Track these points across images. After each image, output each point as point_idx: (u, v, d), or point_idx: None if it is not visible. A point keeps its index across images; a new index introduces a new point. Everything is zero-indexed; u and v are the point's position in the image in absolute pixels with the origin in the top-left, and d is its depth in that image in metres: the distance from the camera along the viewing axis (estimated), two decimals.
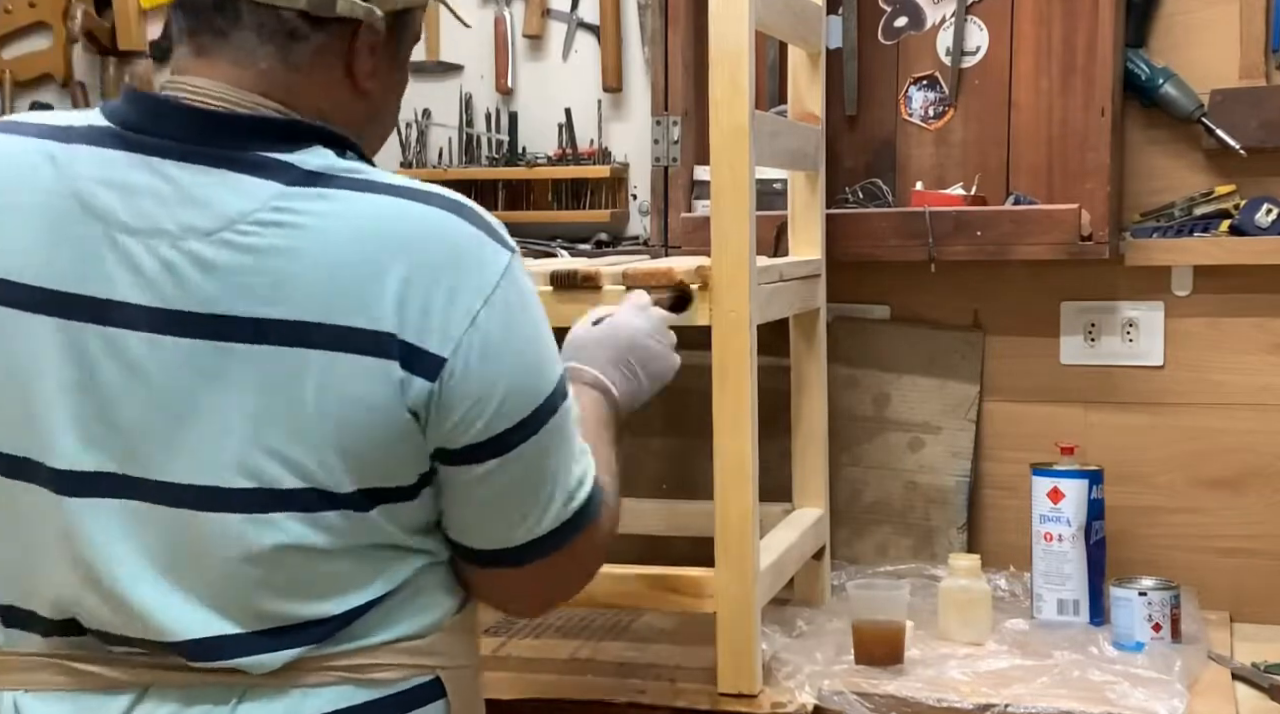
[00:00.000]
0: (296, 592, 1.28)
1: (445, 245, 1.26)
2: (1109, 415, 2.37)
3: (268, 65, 1.30)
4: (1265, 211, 2.25)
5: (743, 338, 1.81)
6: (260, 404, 1.23)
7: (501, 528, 1.34)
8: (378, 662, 1.31)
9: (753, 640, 1.83)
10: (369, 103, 1.38)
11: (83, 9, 2.76)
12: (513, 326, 1.27)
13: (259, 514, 1.24)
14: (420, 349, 1.23)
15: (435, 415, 1.25)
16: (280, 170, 1.25)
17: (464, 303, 1.24)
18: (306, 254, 1.22)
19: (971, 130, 2.40)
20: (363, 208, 1.25)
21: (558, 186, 2.60)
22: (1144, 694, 1.83)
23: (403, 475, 1.28)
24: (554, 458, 1.32)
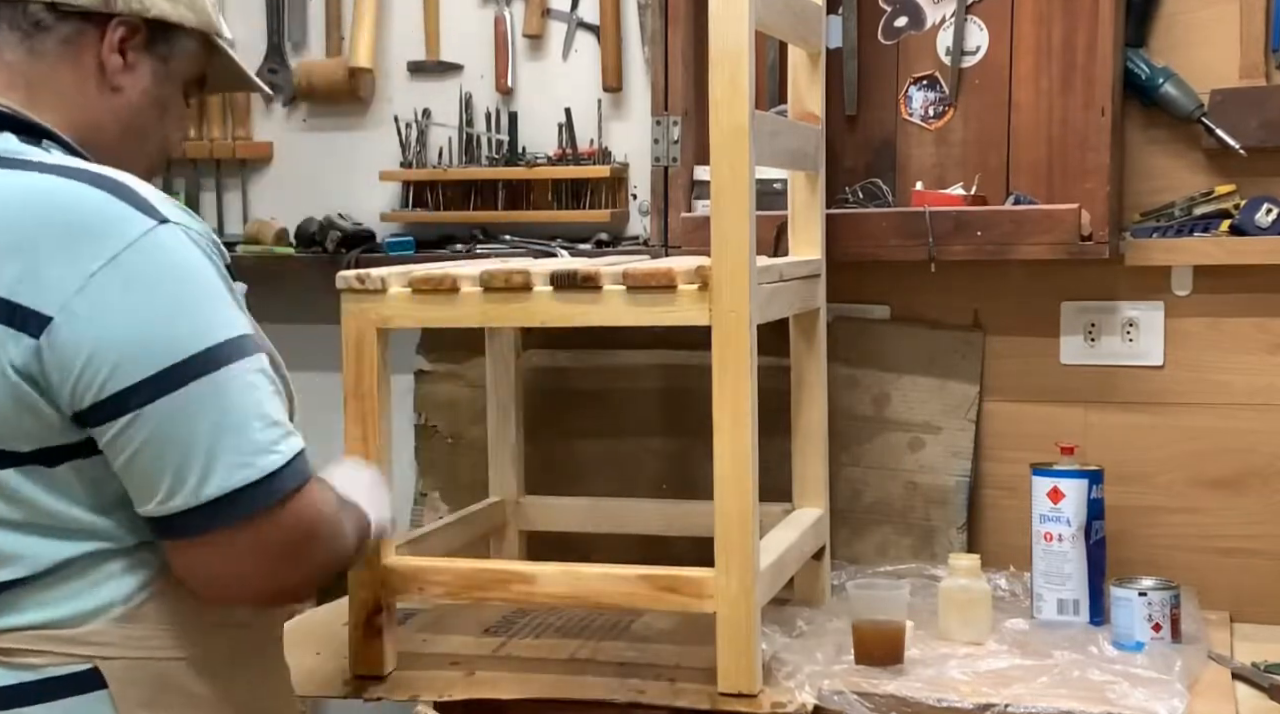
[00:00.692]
0: None
1: (73, 212, 1.32)
2: (1109, 415, 2.37)
3: (14, 57, 1.42)
4: (1265, 211, 2.25)
5: (743, 338, 1.81)
6: None
7: (155, 491, 1.33)
8: (24, 646, 1.34)
9: (753, 640, 1.83)
10: (121, 102, 1.47)
11: None
12: (140, 289, 1.30)
13: None
14: (26, 308, 1.28)
15: (52, 374, 1.29)
16: None
17: (81, 265, 1.29)
18: None
19: (971, 130, 2.40)
20: (4, 183, 1.33)
21: (558, 186, 2.60)
22: (1144, 694, 1.83)
23: (23, 439, 1.32)
24: (204, 421, 1.32)
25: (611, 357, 2.54)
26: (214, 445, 1.32)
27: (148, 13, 1.46)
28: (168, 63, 1.50)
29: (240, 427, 1.33)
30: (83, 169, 1.36)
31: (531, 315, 1.89)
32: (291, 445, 1.36)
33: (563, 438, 2.55)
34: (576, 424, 2.55)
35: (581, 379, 2.57)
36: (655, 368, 2.52)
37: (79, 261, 1.29)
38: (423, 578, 1.94)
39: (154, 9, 1.47)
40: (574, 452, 2.56)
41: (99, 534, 1.36)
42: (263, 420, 1.35)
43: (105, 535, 1.36)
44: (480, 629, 2.16)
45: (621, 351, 2.53)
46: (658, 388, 2.53)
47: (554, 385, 2.56)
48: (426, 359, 2.67)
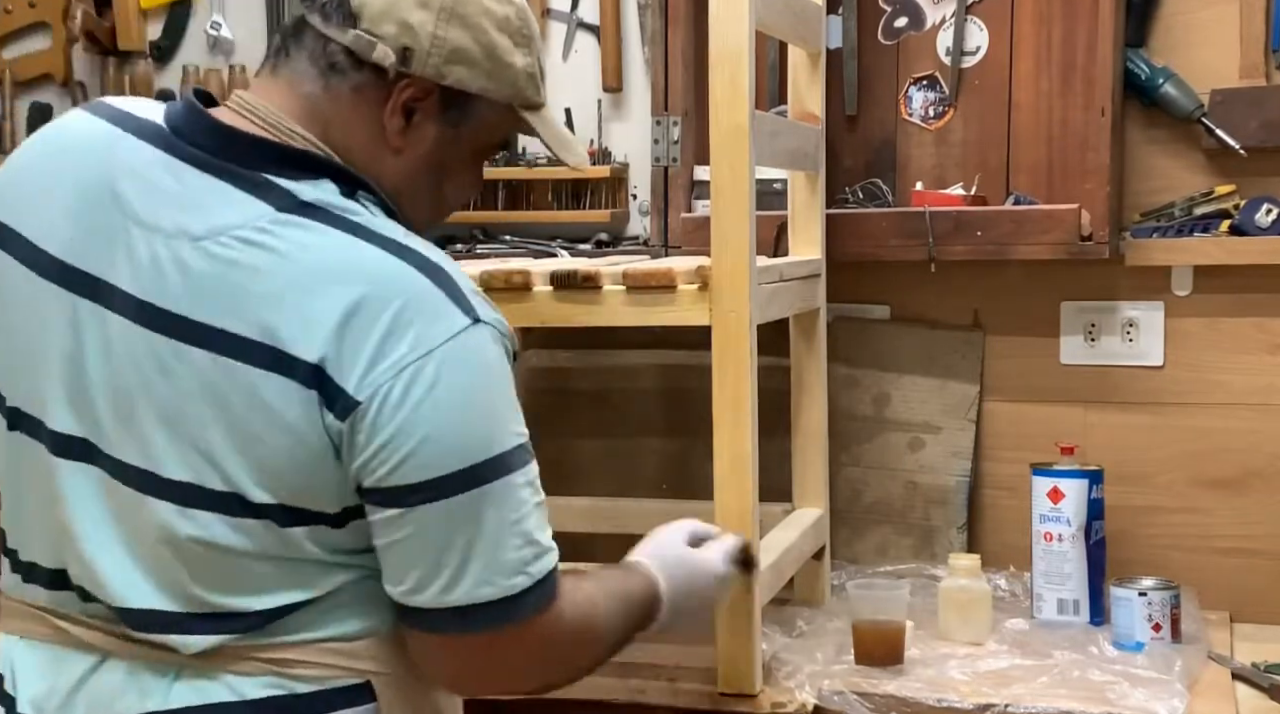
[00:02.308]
0: (218, 584, 1.33)
1: (401, 295, 1.29)
2: (1109, 415, 2.37)
3: (311, 90, 1.38)
4: (1265, 211, 2.25)
5: (743, 338, 1.81)
6: (200, 406, 1.29)
7: (404, 581, 1.34)
8: (303, 658, 1.35)
9: (753, 640, 1.83)
10: (399, 163, 1.41)
11: (83, 9, 2.76)
12: (447, 388, 1.29)
13: (186, 507, 1.31)
14: (341, 387, 1.27)
15: (349, 451, 1.29)
16: (277, 194, 1.32)
17: (397, 352, 1.27)
18: (269, 277, 1.28)
19: (971, 130, 2.40)
20: (335, 244, 1.30)
21: (558, 186, 2.60)
22: (1144, 694, 1.83)
23: (325, 502, 1.32)
24: (468, 530, 1.31)
25: (611, 357, 2.54)
26: (469, 556, 1.32)
27: (443, 80, 1.38)
28: (458, 128, 1.43)
29: (498, 542, 1.32)
30: (408, 247, 1.32)
31: (531, 315, 1.89)
32: (542, 567, 1.35)
33: (563, 438, 2.55)
34: (576, 424, 2.55)
35: (581, 379, 2.57)
36: (655, 368, 2.52)
37: (395, 349, 1.27)
38: None
39: (450, 77, 1.38)
40: (574, 452, 2.56)
41: (368, 566, 1.36)
42: (521, 538, 1.34)
43: (365, 566, 1.37)
44: None
45: (621, 352, 2.53)
46: (658, 388, 2.53)
47: (554, 385, 2.56)
48: None
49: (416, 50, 1.37)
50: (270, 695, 1.34)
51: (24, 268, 1.36)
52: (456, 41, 1.38)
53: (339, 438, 1.28)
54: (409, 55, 1.37)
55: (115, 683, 1.35)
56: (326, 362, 1.26)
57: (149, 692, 1.34)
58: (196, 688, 1.33)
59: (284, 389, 1.27)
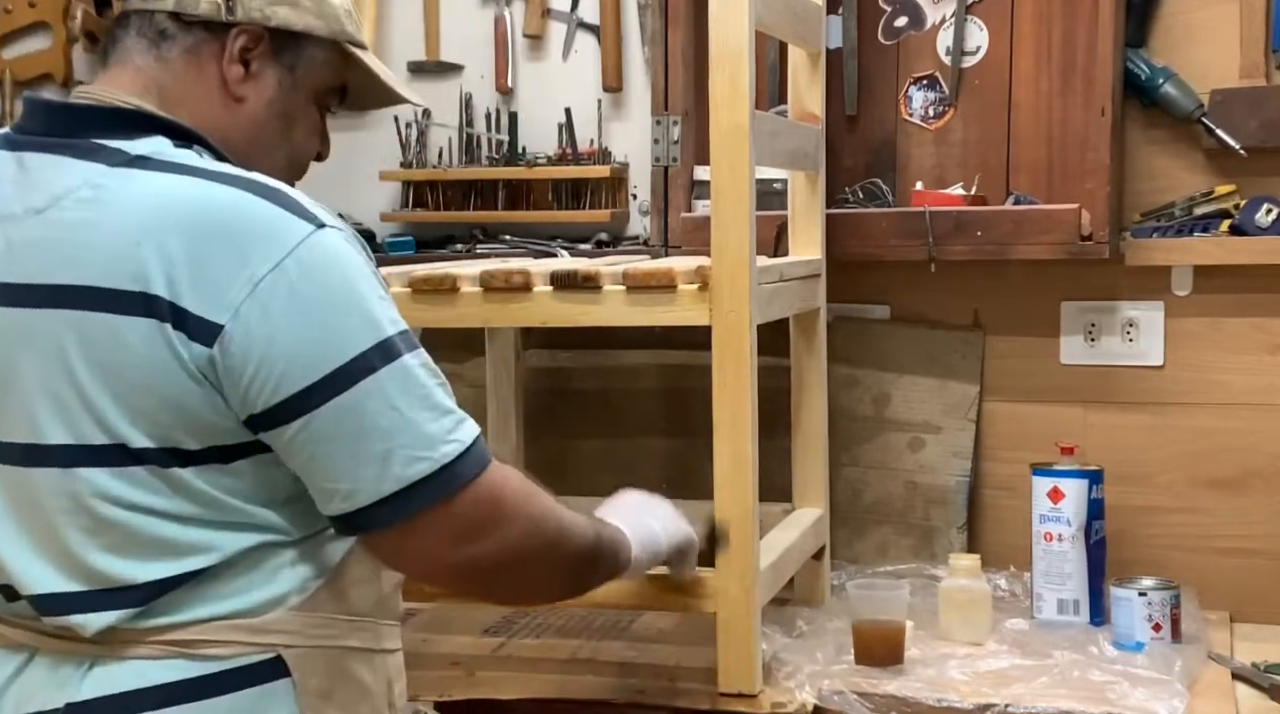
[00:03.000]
0: (120, 551, 1.34)
1: (232, 218, 1.32)
2: (1109, 415, 2.37)
3: (143, 62, 1.43)
4: (1265, 211, 2.25)
5: (743, 338, 1.81)
6: (64, 365, 1.32)
7: (336, 490, 1.34)
8: (207, 637, 1.36)
9: (753, 640, 1.83)
10: (245, 113, 1.46)
11: (83, 9, 2.76)
12: (304, 293, 1.31)
13: (75, 468, 1.33)
14: (196, 316, 1.29)
15: (225, 379, 1.31)
16: (109, 154, 1.36)
17: (246, 271, 1.30)
18: (99, 224, 1.32)
19: (971, 130, 2.40)
20: (162, 185, 1.34)
21: (558, 186, 2.60)
22: (1144, 694, 1.83)
23: (206, 436, 1.33)
24: (377, 418, 1.32)
25: (611, 357, 2.54)
26: (389, 441, 1.33)
27: (269, 22, 1.44)
28: (294, 72, 1.48)
29: (413, 420, 1.34)
30: (239, 175, 1.35)
31: (531, 315, 1.89)
32: (467, 432, 1.37)
33: (563, 438, 2.55)
34: (576, 424, 2.55)
35: (581, 379, 2.57)
36: (655, 368, 2.52)
37: (244, 268, 1.29)
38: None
39: (276, 18, 1.44)
40: (574, 452, 2.56)
41: (272, 527, 1.38)
42: (434, 411, 1.35)
43: (277, 529, 1.38)
44: (480, 629, 2.16)
45: (621, 352, 2.53)
46: (658, 388, 2.53)
47: (554, 385, 2.56)
48: None
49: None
50: (179, 679, 1.34)
51: None
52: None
53: (209, 367, 1.30)
54: (233, 4, 1.42)
55: (39, 678, 1.37)
56: (179, 293, 1.29)
57: (65, 683, 1.35)
58: (107, 677, 1.35)
59: (142, 328, 1.29)
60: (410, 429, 1.33)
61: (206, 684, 1.35)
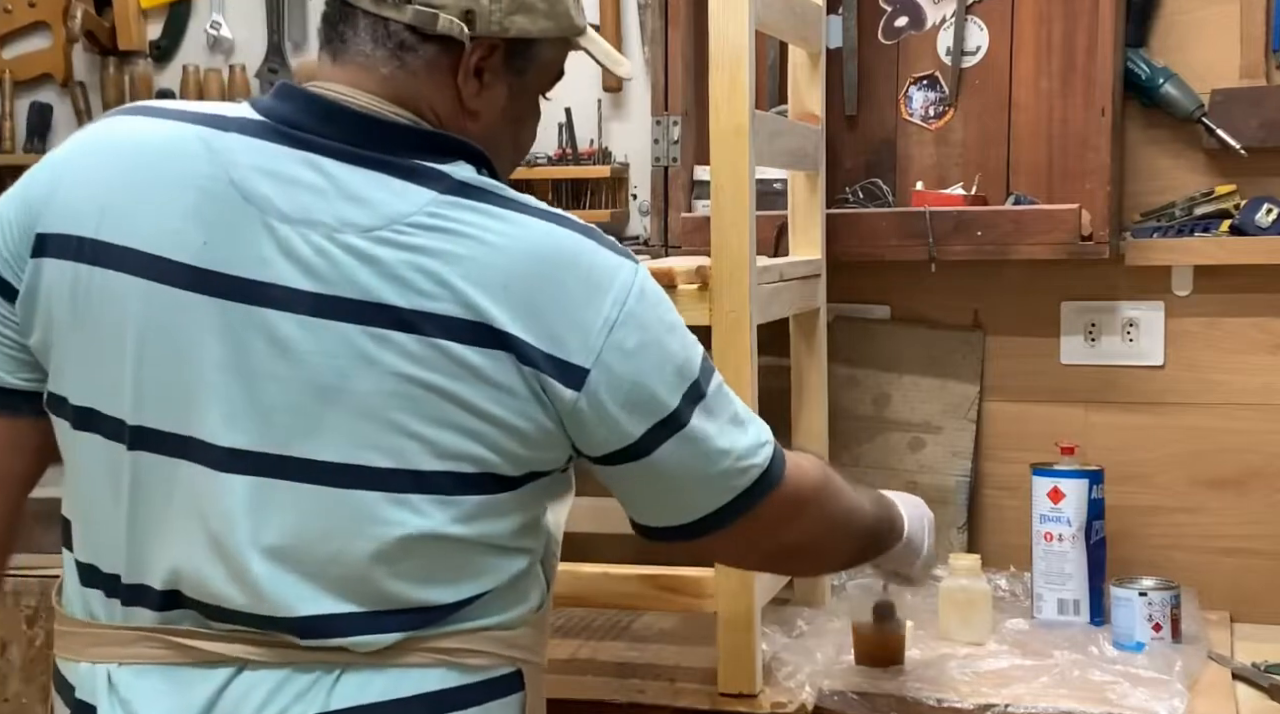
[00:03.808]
0: (418, 576, 1.32)
1: (578, 261, 1.32)
2: (1109, 415, 2.37)
3: (388, 71, 1.36)
4: (1265, 211, 2.25)
5: (743, 338, 1.81)
6: (407, 389, 1.28)
7: (667, 511, 1.41)
8: (471, 647, 1.35)
9: (753, 640, 1.83)
10: (478, 124, 1.41)
11: (83, 9, 2.76)
12: (648, 330, 1.33)
13: (397, 493, 1.29)
14: (561, 360, 1.29)
15: (583, 421, 1.31)
16: (434, 178, 1.32)
17: (601, 315, 1.30)
18: (458, 259, 1.28)
19: (971, 130, 2.40)
20: (510, 221, 1.32)
21: (558, 186, 2.60)
22: (1144, 694, 1.83)
23: (539, 463, 1.35)
24: (716, 439, 1.37)
25: None
26: (724, 460, 1.38)
27: (507, 34, 1.38)
28: (524, 76, 1.43)
29: (734, 434, 1.39)
30: (567, 216, 1.36)
31: None
32: (765, 432, 1.42)
33: None
34: None
35: None
36: None
37: (599, 312, 1.30)
38: None
39: (514, 28, 1.38)
40: None
41: (530, 549, 1.40)
42: (745, 421, 1.41)
43: (533, 549, 1.40)
44: None
45: None
46: None
47: None
48: None
49: (479, 11, 1.36)
50: (437, 690, 1.33)
51: (143, 281, 1.30)
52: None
53: (571, 410, 1.30)
54: (472, 18, 1.36)
55: (262, 689, 1.31)
56: (542, 337, 1.28)
57: (304, 694, 1.30)
58: (362, 684, 1.31)
59: (501, 364, 1.28)
60: (736, 444, 1.38)
61: (461, 694, 1.34)
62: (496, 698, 1.37)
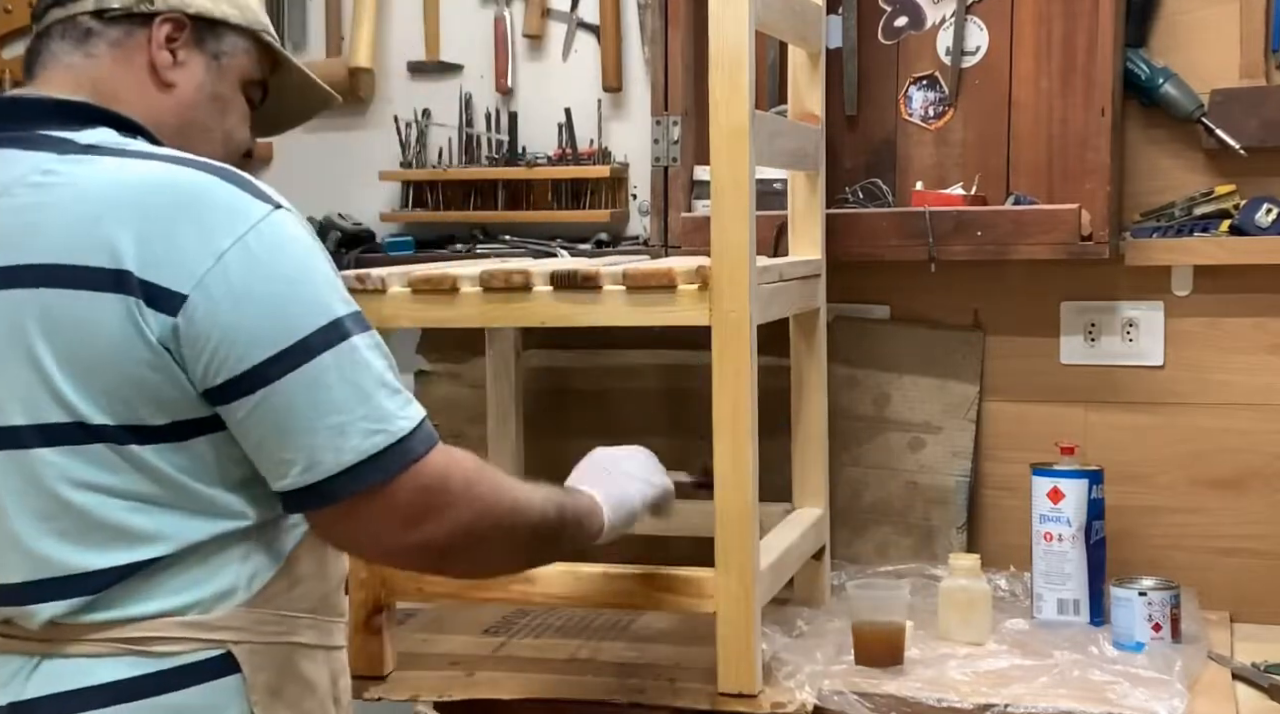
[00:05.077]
0: (69, 536, 1.33)
1: (193, 194, 1.35)
2: (1109, 415, 2.37)
3: (71, 61, 1.47)
4: (1265, 211, 2.25)
5: (743, 338, 1.81)
6: (22, 344, 1.33)
7: (292, 464, 1.35)
8: (156, 634, 1.35)
9: (753, 640, 1.83)
10: (177, 98, 1.49)
11: None
12: (265, 267, 1.33)
13: (34, 449, 1.33)
14: (160, 286, 1.31)
15: (187, 350, 1.32)
16: (58, 144, 1.39)
17: (210, 244, 1.32)
18: (56, 205, 1.34)
19: (971, 130, 2.40)
20: (118, 167, 1.37)
21: (558, 186, 2.60)
22: (1144, 694, 1.83)
23: (158, 411, 1.34)
24: (334, 392, 1.34)
25: (611, 356, 2.54)
26: (346, 414, 1.35)
27: (188, 9, 1.49)
28: (219, 59, 1.53)
29: (368, 395, 1.36)
30: (196, 159, 1.39)
31: (531, 315, 1.89)
32: (417, 411, 1.40)
33: (563, 438, 2.54)
34: (576, 424, 2.55)
35: (581, 379, 2.57)
36: (655, 368, 2.52)
37: (209, 241, 1.32)
38: (423, 578, 1.94)
39: (194, 5, 1.50)
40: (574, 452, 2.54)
41: (227, 512, 1.38)
42: (388, 388, 1.38)
43: (232, 514, 1.39)
44: (480, 629, 2.16)
45: (621, 351, 2.53)
46: (658, 388, 2.52)
47: (554, 385, 2.56)
48: (426, 359, 2.67)
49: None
50: (128, 677, 1.34)
51: None
52: None
53: (171, 337, 1.31)
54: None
55: None
56: (142, 266, 1.30)
57: (8, 682, 1.34)
58: (54, 674, 1.34)
59: (105, 301, 1.30)
60: (366, 403, 1.35)
61: (156, 681, 1.35)
62: (196, 683, 1.36)
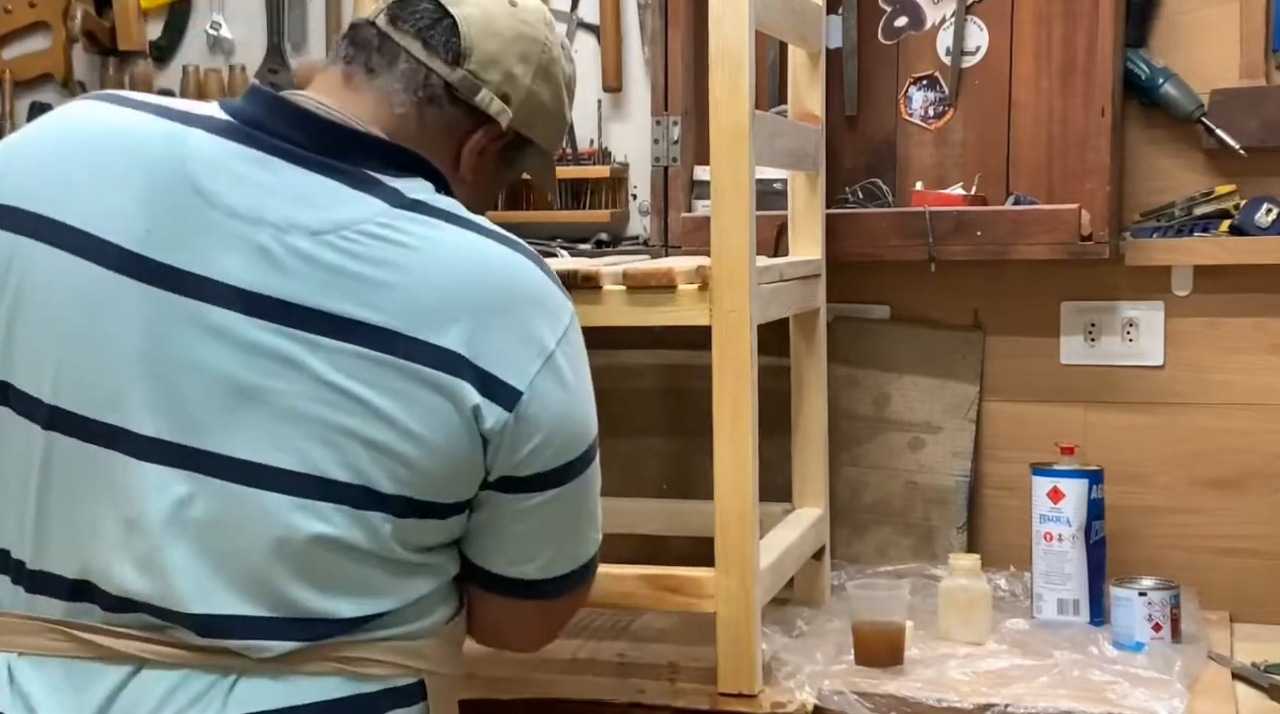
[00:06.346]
0: (322, 586, 1.31)
1: (528, 288, 1.35)
2: (1109, 415, 2.37)
3: (404, 114, 1.42)
4: (1265, 211, 2.25)
5: (743, 338, 1.81)
6: (331, 397, 1.28)
7: (525, 558, 1.41)
8: (370, 657, 1.34)
9: (753, 640, 1.83)
10: (462, 190, 1.46)
11: (83, 9, 2.76)
12: (576, 368, 1.37)
13: (306, 499, 1.28)
14: (497, 378, 1.30)
15: (508, 443, 1.32)
16: (386, 191, 1.34)
17: (539, 342, 1.33)
18: (408, 271, 1.30)
19: (971, 130, 2.40)
20: (458, 238, 1.34)
21: (558, 186, 2.60)
22: (1144, 694, 1.83)
23: (453, 494, 1.34)
24: (593, 498, 1.41)
25: (611, 356, 2.54)
26: (593, 518, 1.44)
27: (524, 130, 1.50)
28: (512, 166, 1.54)
29: (593, 515, 1.44)
30: (514, 239, 1.39)
31: None
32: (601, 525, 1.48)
33: None
34: None
35: None
36: (655, 368, 2.52)
37: (541, 338, 1.33)
38: None
39: (527, 126, 1.50)
40: None
41: (443, 569, 1.40)
42: (600, 506, 1.46)
43: (446, 571, 1.41)
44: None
45: (621, 351, 2.53)
46: (658, 388, 2.52)
47: None
48: None
49: (512, 99, 1.46)
50: (336, 698, 1.33)
51: (76, 259, 1.30)
52: (542, 96, 1.50)
53: (499, 431, 1.31)
54: (507, 102, 1.46)
55: (158, 691, 1.30)
56: (476, 355, 1.29)
57: (200, 697, 1.30)
58: (259, 691, 1.30)
59: (431, 380, 1.28)
60: (589, 524, 1.44)
61: (359, 703, 1.34)
62: (396, 708, 1.36)
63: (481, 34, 1.44)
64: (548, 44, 1.51)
